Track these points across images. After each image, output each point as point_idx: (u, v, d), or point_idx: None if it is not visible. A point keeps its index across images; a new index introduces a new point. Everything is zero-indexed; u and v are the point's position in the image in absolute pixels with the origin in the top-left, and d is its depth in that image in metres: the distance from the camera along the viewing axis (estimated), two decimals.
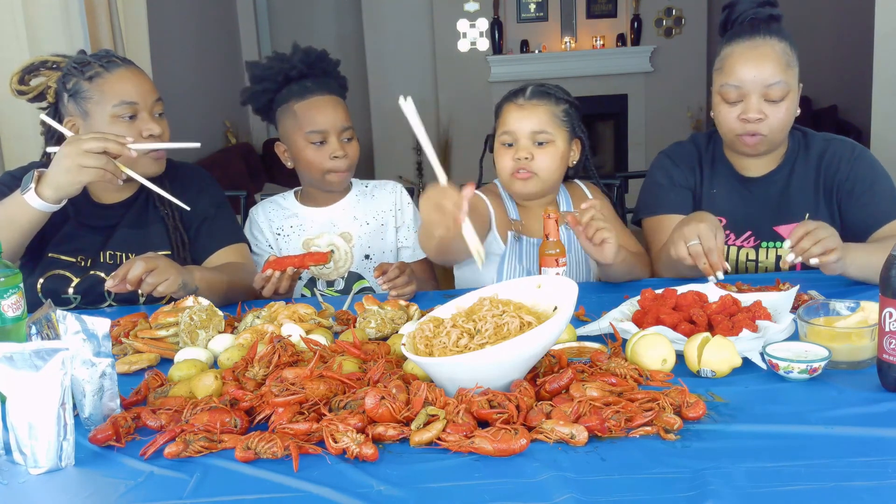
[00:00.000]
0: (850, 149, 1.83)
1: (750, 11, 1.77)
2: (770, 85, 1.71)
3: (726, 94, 1.75)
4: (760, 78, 1.70)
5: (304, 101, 1.94)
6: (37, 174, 1.61)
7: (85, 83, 1.74)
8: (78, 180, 1.59)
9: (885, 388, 1.15)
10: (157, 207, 1.86)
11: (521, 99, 1.84)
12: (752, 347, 1.28)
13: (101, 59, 1.77)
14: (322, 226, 2.04)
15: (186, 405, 1.13)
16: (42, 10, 2.46)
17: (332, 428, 1.04)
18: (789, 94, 1.73)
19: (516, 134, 1.82)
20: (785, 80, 1.71)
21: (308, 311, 1.55)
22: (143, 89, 1.77)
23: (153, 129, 1.76)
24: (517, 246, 1.89)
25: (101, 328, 1.15)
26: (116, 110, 1.73)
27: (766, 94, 1.71)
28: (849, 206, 1.80)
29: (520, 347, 1.10)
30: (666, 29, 6.45)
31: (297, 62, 1.95)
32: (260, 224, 2.05)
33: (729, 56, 1.75)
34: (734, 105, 1.75)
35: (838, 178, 1.81)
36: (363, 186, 2.12)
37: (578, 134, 1.88)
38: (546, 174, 1.83)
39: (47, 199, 1.60)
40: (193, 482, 0.98)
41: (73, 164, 1.57)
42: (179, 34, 4.95)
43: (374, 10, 6.46)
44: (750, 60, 1.72)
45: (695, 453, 0.99)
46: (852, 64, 5.38)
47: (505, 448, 1.00)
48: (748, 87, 1.72)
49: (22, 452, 1.04)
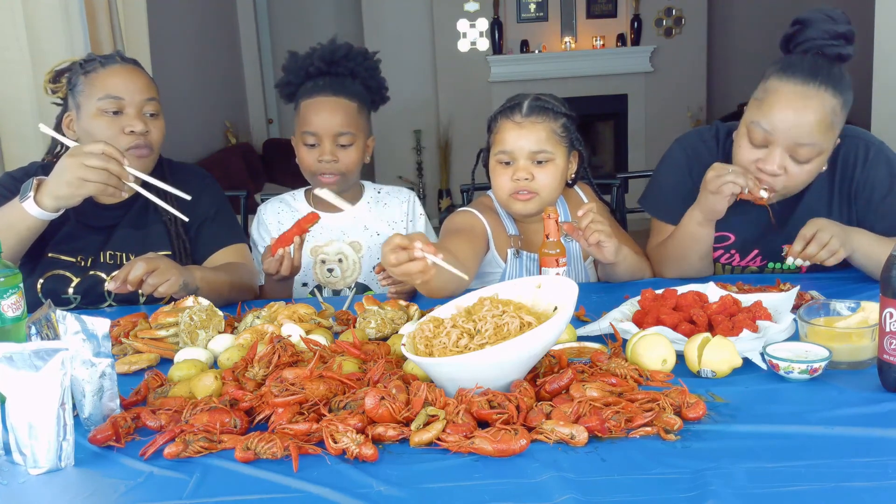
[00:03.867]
0: (864, 148, 1.71)
1: (820, 41, 1.60)
2: (802, 144, 1.56)
3: (753, 133, 1.60)
4: (795, 133, 1.55)
5: (309, 100, 1.93)
6: (36, 182, 1.60)
7: (81, 77, 1.76)
8: (78, 193, 1.59)
9: (886, 389, 1.15)
10: (157, 208, 1.85)
11: (519, 116, 1.75)
12: (752, 348, 1.28)
13: (105, 56, 1.79)
14: (332, 233, 2.01)
15: (186, 405, 1.13)
16: (42, 10, 2.46)
17: (331, 428, 1.04)
18: (819, 156, 1.60)
19: (515, 154, 1.75)
20: (820, 142, 1.57)
21: (308, 311, 1.55)
22: (134, 86, 1.76)
23: (136, 125, 1.74)
24: (517, 262, 1.85)
25: (100, 328, 1.15)
26: (101, 104, 1.73)
27: (793, 151, 1.58)
28: (867, 214, 1.70)
29: (520, 348, 1.10)
30: (666, 29, 6.45)
31: (316, 59, 1.93)
32: (268, 224, 2.03)
33: (774, 93, 1.58)
34: (757, 148, 1.61)
35: (855, 181, 1.70)
36: (375, 192, 2.08)
37: (577, 147, 1.83)
38: (547, 192, 1.77)
39: (46, 207, 1.60)
40: (193, 482, 0.98)
41: (73, 177, 1.56)
42: (179, 34, 4.94)
43: (374, 10, 6.45)
44: (791, 109, 1.55)
45: (695, 453, 0.99)
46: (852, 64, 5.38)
47: (505, 448, 1.00)
48: (778, 137, 1.57)
49: (22, 453, 1.04)
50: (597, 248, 1.64)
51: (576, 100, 6.17)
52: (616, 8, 6.43)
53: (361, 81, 1.97)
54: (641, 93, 6.56)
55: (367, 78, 1.98)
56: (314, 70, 1.94)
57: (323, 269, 1.99)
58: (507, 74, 6.37)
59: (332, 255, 1.98)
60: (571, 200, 1.96)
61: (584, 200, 1.97)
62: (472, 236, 1.79)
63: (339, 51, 1.94)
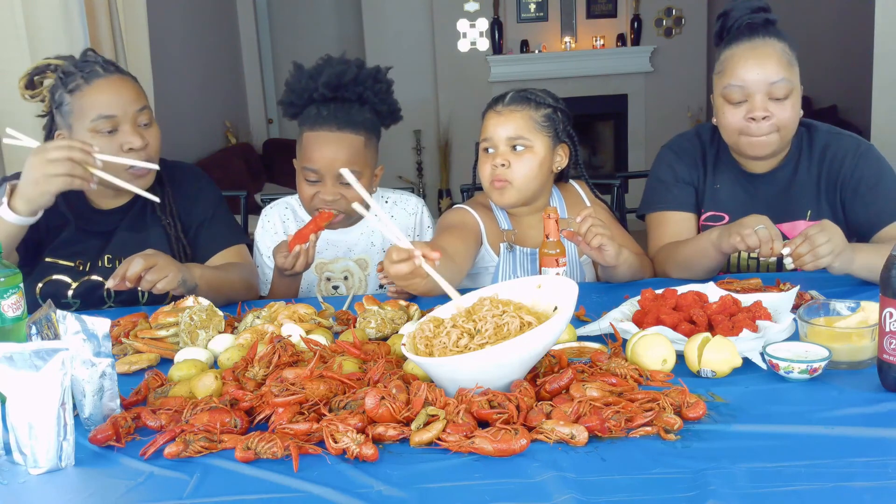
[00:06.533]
0: (855, 145, 1.80)
1: (745, 17, 1.76)
2: (774, 83, 1.69)
3: (730, 94, 1.72)
4: (764, 76, 1.69)
5: (311, 133, 1.80)
6: (9, 188, 1.59)
7: (67, 96, 1.69)
8: (46, 190, 1.56)
9: (886, 388, 1.15)
10: (155, 212, 1.84)
11: (500, 105, 1.80)
12: (752, 347, 1.28)
13: (84, 68, 1.70)
14: (338, 250, 1.95)
15: (186, 405, 1.13)
16: (42, 10, 2.46)
17: (332, 428, 1.04)
18: (793, 92, 1.72)
19: (494, 140, 1.78)
20: (788, 77, 1.70)
21: (308, 311, 1.55)
22: (124, 100, 1.70)
23: (133, 142, 1.69)
24: (510, 257, 1.85)
25: (101, 328, 1.15)
26: (95, 125, 1.67)
27: (770, 92, 1.70)
28: (853, 205, 1.78)
29: (520, 347, 1.10)
30: (666, 29, 6.45)
31: (320, 86, 1.79)
32: (273, 232, 1.97)
33: (730, 58, 1.74)
34: (738, 106, 1.72)
35: (842, 174, 1.79)
36: (383, 201, 2.01)
37: (563, 139, 1.83)
38: (521, 182, 1.77)
39: (20, 212, 1.57)
40: (193, 482, 0.98)
41: (39, 174, 1.54)
42: (180, 34, 4.95)
43: (374, 10, 6.45)
44: (752, 60, 1.70)
45: (695, 453, 0.99)
46: (852, 64, 5.38)
47: (505, 448, 1.00)
48: (752, 86, 1.70)
49: (22, 452, 1.04)
50: (598, 252, 1.64)
51: (576, 100, 6.17)
52: (616, 8, 6.42)
53: (371, 107, 1.84)
54: (641, 93, 6.56)
55: (378, 103, 1.85)
56: (318, 97, 1.81)
57: (328, 287, 1.95)
58: (507, 74, 6.36)
59: (338, 272, 1.92)
60: (570, 198, 1.96)
61: (583, 197, 1.97)
62: (465, 233, 1.80)
63: (347, 74, 1.79)
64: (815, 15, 5.89)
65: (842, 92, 5.77)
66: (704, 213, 1.89)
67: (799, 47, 1.76)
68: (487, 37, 6.45)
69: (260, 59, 6.70)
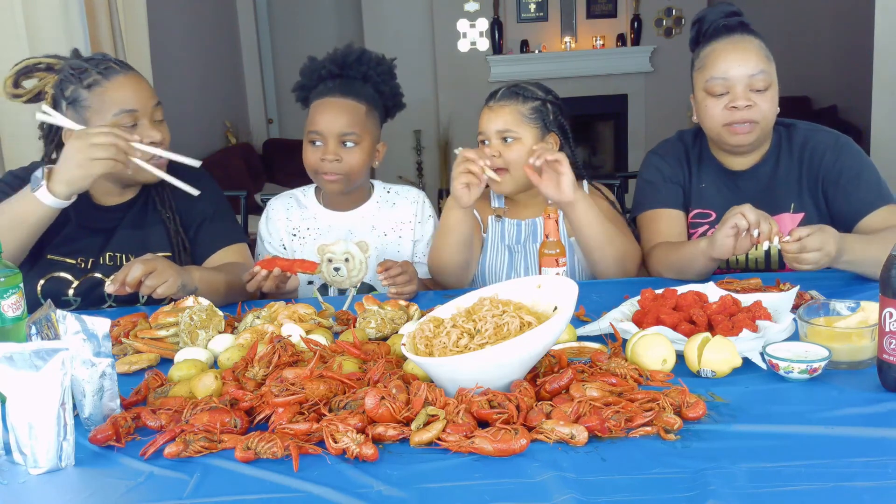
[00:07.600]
0: (833, 139, 1.85)
1: (720, 20, 1.82)
2: (753, 75, 1.74)
3: (712, 87, 1.77)
4: (744, 69, 1.74)
5: (317, 101, 1.94)
6: (46, 171, 1.61)
7: (84, 91, 1.71)
8: (90, 173, 1.60)
9: (886, 388, 1.15)
10: (156, 209, 1.86)
11: (493, 101, 1.93)
12: (752, 347, 1.28)
13: (98, 65, 1.73)
14: (340, 232, 2.01)
15: (186, 405, 1.13)
16: (42, 10, 2.46)
17: (332, 428, 1.04)
18: (772, 86, 1.77)
19: (487, 134, 1.91)
20: (767, 70, 1.75)
21: (308, 311, 1.55)
22: (143, 96, 1.74)
23: (154, 136, 1.73)
24: (499, 227, 1.99)
25: (101, 328, 1.15)
26: (117, 119, 1.70)
27: (750, 84, 1.75)
28: (835, 196, 1.81)
29: (520, 347, 1.10)
30: (666, 29, 6.45)
31: (328, 62, 1.95)
32: (277, 220, 2.04)
33: (710, 53, 1.79)
34: (720, 98, 1.77)
35: (823, 167, 1.82)
36: (385, 191, 2.09)
37: (552, 128, 1.92)
38: (516, 169, 1.88)
39: (59, 195, 1.60)
40: (193, 482, 0.98)
41: (84, 157, 1.58)
42: (180, 34, 4.95)
43: (374, 10, 6.45)
44: (732, 53, 1.76)
45: (695, 453, 0.99)
46: (852, 64, 5.38)
47: (505, 448, 1.00)
48: (734, 78, 1.75)
49: (22, 452, 1.04)
50: (555, 186, 1.72)
51: (576, 100, 6.17)
52: (616, 8, 6.43)
53: (373, 85, 1.97)
54: (641, 93, 6.56)
55: (380, 83, 1.98)
56: (326, 73, 1.95)
57: (330, 268, 1.98)
58: (507, 74, 6.36)
59: (339, 254, 1.97)
60: None
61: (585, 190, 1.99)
62: None
63: (353, 54, 1.96)
64: (815, 15, 5.89)
65: (842, 92, 5.76)
66: (692, 212, 1.92)
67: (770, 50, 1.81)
68: (487, 37, 6.45)
69: (260, 59, 6.70)
